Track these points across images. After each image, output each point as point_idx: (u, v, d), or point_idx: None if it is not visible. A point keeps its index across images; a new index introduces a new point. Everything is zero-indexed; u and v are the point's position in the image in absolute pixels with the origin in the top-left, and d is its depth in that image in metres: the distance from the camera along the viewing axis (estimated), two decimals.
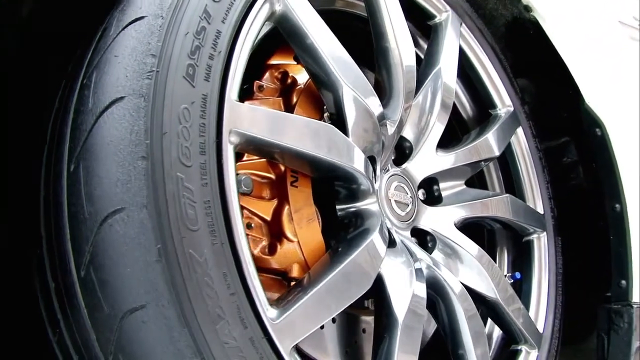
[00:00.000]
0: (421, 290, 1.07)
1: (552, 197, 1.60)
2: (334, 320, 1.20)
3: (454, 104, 1.57)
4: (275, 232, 1.00)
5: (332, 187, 1.08)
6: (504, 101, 1.55)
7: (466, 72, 1.54)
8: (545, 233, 1.53)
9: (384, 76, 1.20)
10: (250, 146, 0.87)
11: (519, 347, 1.35)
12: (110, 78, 0.78)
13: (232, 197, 0.80)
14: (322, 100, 1.07)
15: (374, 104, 1.09)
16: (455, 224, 1.30)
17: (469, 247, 1.27)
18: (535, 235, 1.52)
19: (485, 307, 1.30)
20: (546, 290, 1.47)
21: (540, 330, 1.40)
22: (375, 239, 1.01)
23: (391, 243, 1.16)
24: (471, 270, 1.25)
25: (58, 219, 0.80)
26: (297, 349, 1.04)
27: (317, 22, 1.00)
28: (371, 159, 1.15)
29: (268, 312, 0.80)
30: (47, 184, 0.86)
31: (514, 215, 1.42)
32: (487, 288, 1.25)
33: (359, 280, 0.94)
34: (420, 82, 1.31)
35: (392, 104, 1.19)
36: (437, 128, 1.30)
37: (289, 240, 0.99)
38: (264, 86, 1.08)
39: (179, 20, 0.80)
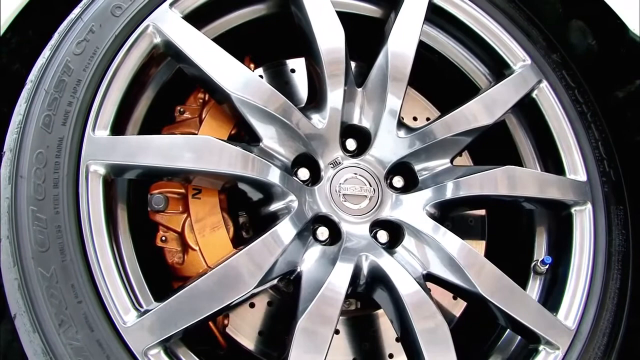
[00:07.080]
0: (338, 287, 1.02)
1: (604, 159, 1.29)
2: None
3: (470, 80, 1.41)
4: (184, 243, 1.08)
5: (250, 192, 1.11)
6: (517, 56, 1.33)
7: (469, 38, 1.37)
8: (589, 204, 1.24)
9: (308, 71, 1.18)
10: (120, 172, 0.99)
11: (539, 347, 1.13)
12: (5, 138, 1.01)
13: (87, 219, 0.93)
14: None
15: (278, 106, 1.09)
16: (429, 209, 1.18)
17: (438, 235, 1.13)
18: (575, 208, 1.25)
19: (474, 302, 1.14)
20: (587, 275, 1.19)
21: (571, 325, 1.14)
22: (272, 239, 1.01)
23: (335, 239, 1.13)
24: (440, 260, 1.12)
25: None
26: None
27: (199, 41, 1.06)
28: (302, 158, 1.14)
29: (126, 317, 0.91)
30: None
31: (520, 189, 1.20)
32: (462, 279, 1.10)
33: (238, 280, 0.96)
34: (370, 66, 1.23)
35: (317, 98, 1.16)
36: (392, 107, 1.19)
37: (192, 249, 1.06)
38: (184, 109, 1.18)
39: (42, 80, 0.98)
